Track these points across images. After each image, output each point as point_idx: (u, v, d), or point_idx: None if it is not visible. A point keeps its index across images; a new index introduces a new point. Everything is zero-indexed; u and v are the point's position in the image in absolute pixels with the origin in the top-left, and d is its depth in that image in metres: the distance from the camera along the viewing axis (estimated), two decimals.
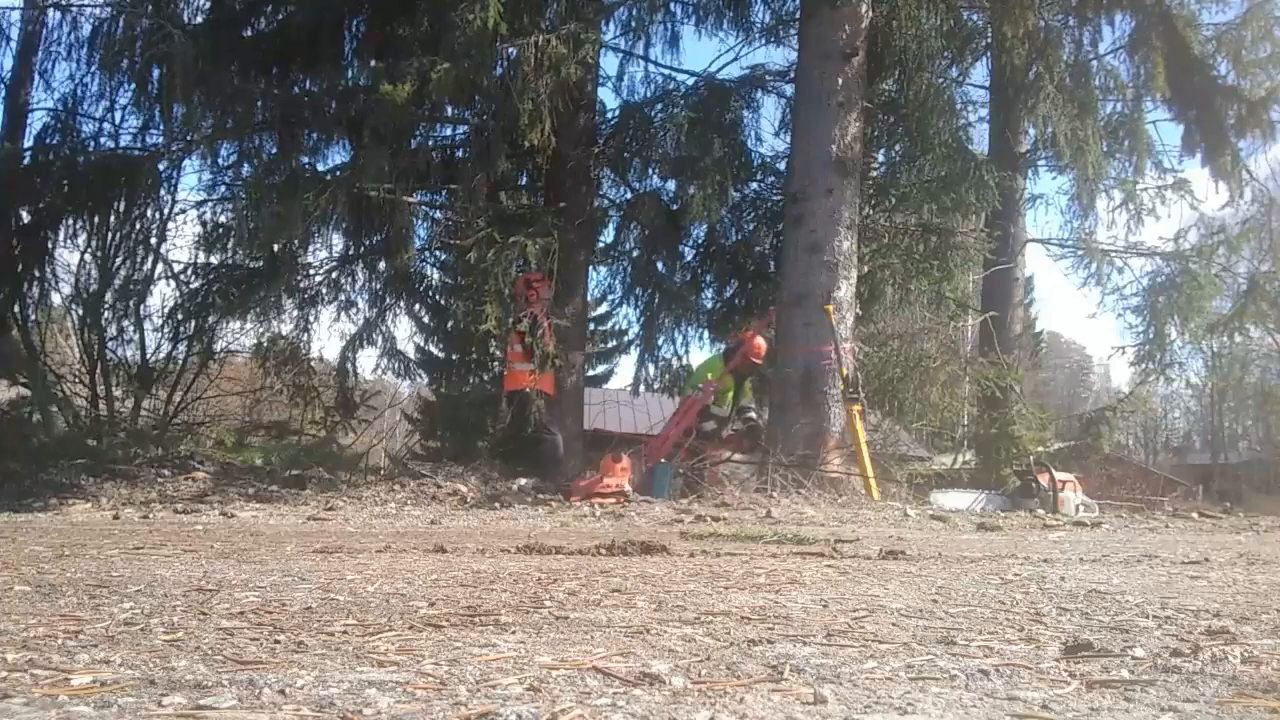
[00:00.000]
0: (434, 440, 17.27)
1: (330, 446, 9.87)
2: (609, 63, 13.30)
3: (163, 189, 10.04)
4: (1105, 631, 1.79)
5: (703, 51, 78.28)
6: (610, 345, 19.47)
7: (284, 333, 10.15)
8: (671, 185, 10.08)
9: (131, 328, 10.10)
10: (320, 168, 9.46)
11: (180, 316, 9.93)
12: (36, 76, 10.53)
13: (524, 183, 9.88)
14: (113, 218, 9.82)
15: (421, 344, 15.24)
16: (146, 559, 2.93)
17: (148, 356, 10.17)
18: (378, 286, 10.59)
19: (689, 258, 10.80)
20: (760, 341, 8.51)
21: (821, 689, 1.26)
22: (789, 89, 9.93)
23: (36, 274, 9.84)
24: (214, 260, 9.83)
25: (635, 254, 10.52)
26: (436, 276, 11.37)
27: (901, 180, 9.94)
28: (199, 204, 9.91)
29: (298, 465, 8.38)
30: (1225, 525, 6.62)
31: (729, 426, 8.97)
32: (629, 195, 10.46)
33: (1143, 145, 10.75)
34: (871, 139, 9.80)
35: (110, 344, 10.12)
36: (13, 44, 10.61)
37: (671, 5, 10.30)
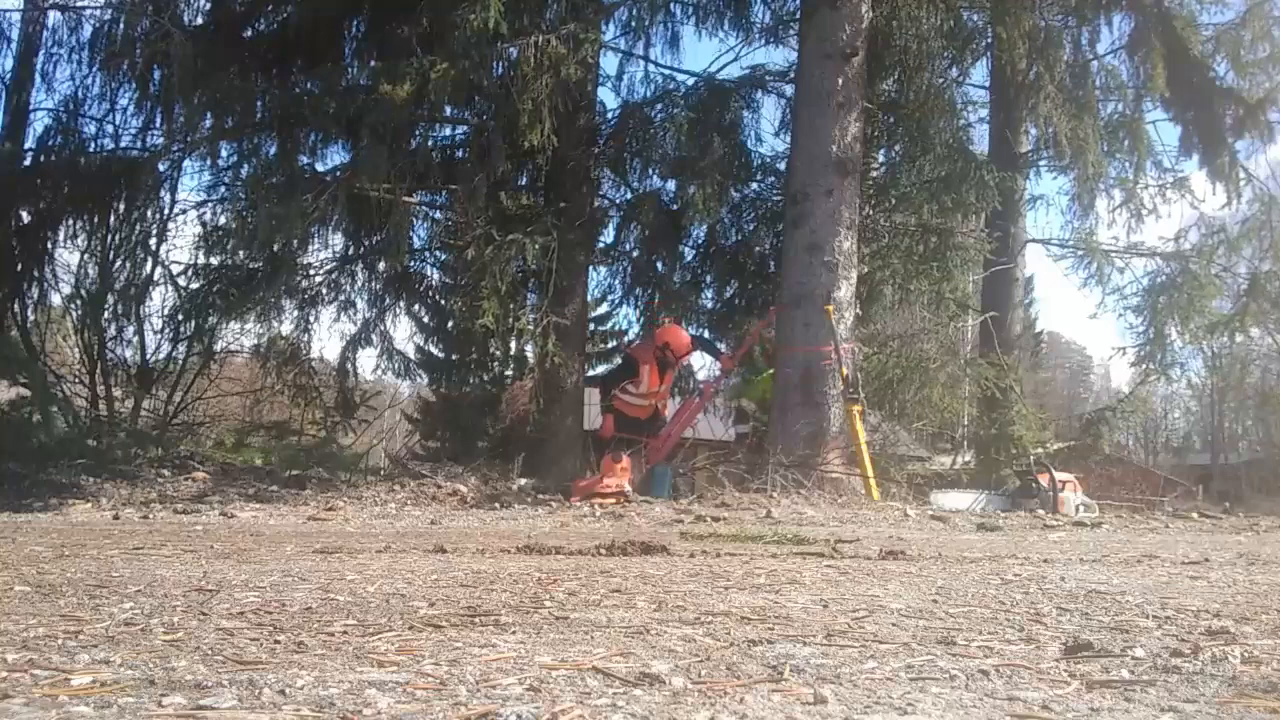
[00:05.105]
0: (434, 440, 17.29)
1: (330, 446, 9.86)
2: (609, 63, 13.26)
3: (163, 190, 10.07)
4: (1105, 631, 1.79)
5: (703, 51, 78.38)
6: (610, 345, 19.48)
7: (284, 333, 10.17)
8: (671, 185, 10.08)
9: (131, 328, 10.12)
10: (320, 168, 9.48)
11: (180, 317, 9.94)
12: (38, 78, 10.56)
13: (524, 183, 9.88)
14: (113, 218, 9.83)
15: (421, 344, 15.24)
16: (146, 559, 2.93)
17: (148, 357, 10.19)
18: (377, 286, 10.61)
19: (689, 258, 10.80)
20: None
21: (821, 689, 1.26)
22: (789, 89, 9.92)
23: (36, 274, 9.86)
24: (214, 261, 9.84)
25: (635, 254, 10.51)
26: (436, 276, 11.39)
27: (901, 180, 9.93)
28: (199, 205, 9.94)
29: (298, 465, 8.38)
30: (1225, 525, 6.61)
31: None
32: (629, 195, 10.46)
33: (1143, 145, 10.73)
34: (871, 139, 9.78)
35: (110, 344, 10.14)
36: (13, 45, 10.64)
37: (671, 5, 10.29)
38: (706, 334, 10.41)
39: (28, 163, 9.92)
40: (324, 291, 10.29)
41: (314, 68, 9.15)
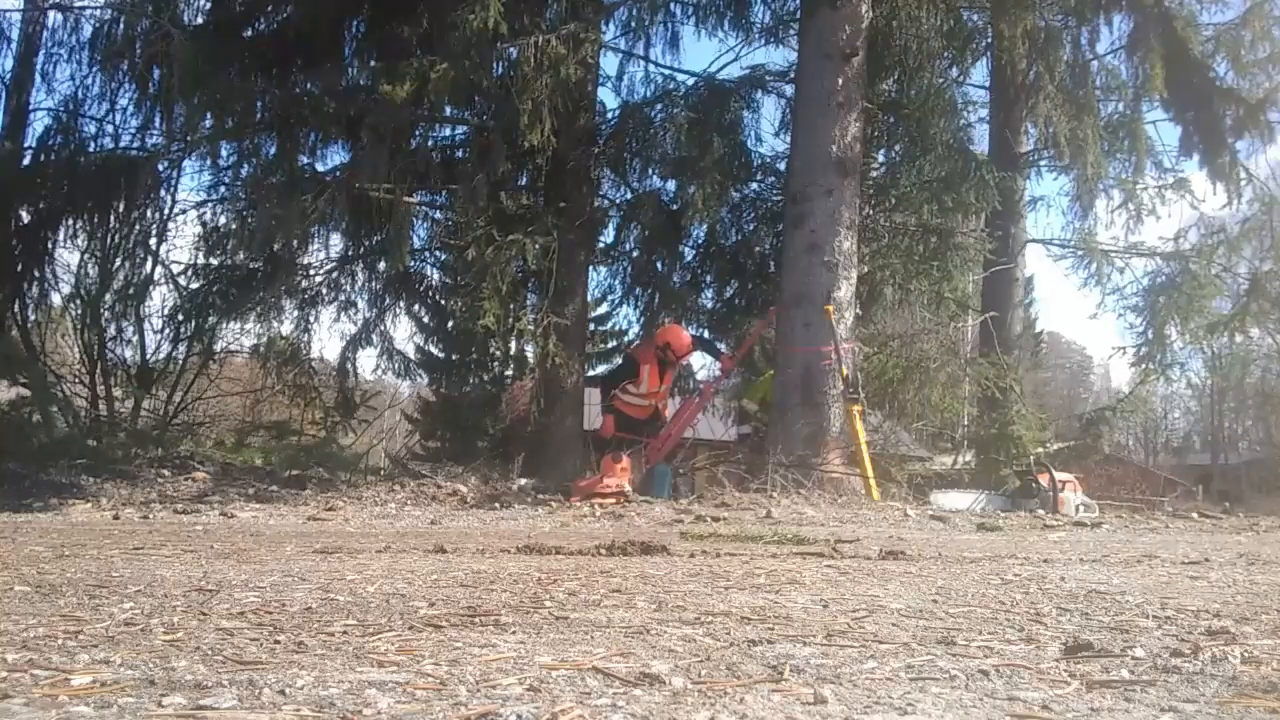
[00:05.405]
0: (434, 440, 17.31)
1: (330, 446, 9.87)
2: (609, 63, 13.28)
3: (163, 190, 10.08)
4: (1105, 631, 1.79)
5: (703, 51, 78.49)
6: (610, 345, 19.49)
7: (284, 333, 10.18)
8: (671, 185, 10.08)
9: (131, 328, 10.13)
10: (320, 168, 9.50)
11: (180, 317, 9.95)
12: (38, 78, 10.57)
13: (524, 183, 9.88)
14: (113, 218, 9.84)
15: (421, 344, 15.26)
16: (146, 559, 2.93)
17: (148, 357, 10.20)
18: (377, 287, 10.62)
19: (689, 258, 10.80)
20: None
21: (821, 689, 1.26)
22: (789, 89, 9.92)
23: (36, 274, 9.86)
24: (214, 261, 9.85)
25: (635, 254, 10.51)
26: (436, 276, 11.40)
27: (901, 180, 9.92)
28: (199, 205, 9.96)
29: (298, 465, 8.39)
30: (1225, 525, 6.61)
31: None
32: (629, 195, 10.46)
33: (1143, 145, 10.73)
34: (871, 139, 9.78)
35: (110, 344, 10.15)
36: (13, 45, 10.64)
37: (671, 5, 10.29)
38: (706, 334, 10.41)
39: (28, 162, 9.92)
40: (324, 291, 10.31)
41: (314, 68, 9.15)
